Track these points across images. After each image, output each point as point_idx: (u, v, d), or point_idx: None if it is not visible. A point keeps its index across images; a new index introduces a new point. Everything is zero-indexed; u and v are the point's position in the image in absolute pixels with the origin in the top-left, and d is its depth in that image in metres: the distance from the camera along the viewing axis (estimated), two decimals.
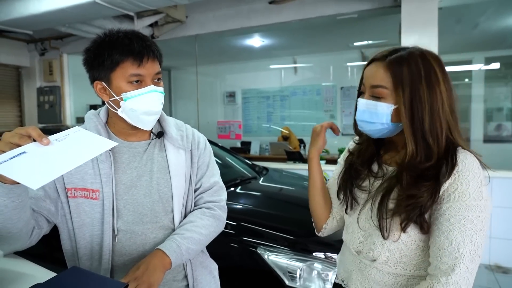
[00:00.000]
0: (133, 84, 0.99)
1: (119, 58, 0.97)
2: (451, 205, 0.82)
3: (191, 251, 1.04)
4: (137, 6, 3.59)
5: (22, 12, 3.78)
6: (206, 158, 1.19)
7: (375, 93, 0.90)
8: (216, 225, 1.14)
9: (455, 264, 0.80)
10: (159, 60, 1.05)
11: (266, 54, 6.43)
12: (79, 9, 3.53)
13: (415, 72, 0.86)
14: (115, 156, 1.05)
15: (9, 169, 0.65)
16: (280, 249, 1.85)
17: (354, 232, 1.01)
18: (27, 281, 0.88)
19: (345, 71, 6.43)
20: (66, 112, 5.67)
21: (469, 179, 0.82)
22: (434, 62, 0.87)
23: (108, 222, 1.01)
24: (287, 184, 3.14)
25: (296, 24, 4.11)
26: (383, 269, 0.93)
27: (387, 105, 0.88)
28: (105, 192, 1.01)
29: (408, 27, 3.25)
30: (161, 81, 1.07)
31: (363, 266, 0.98)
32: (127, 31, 1.01)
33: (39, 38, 5.49)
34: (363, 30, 4.82)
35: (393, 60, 0.88)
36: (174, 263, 0.98)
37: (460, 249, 0.80)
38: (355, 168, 1.03)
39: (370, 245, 0.94)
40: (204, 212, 1.13)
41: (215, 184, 1.19)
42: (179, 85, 7.97)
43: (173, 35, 4.65)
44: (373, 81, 0.91)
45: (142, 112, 1.01)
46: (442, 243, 0.82)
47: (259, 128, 7.26)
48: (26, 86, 5.97)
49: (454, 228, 0.81)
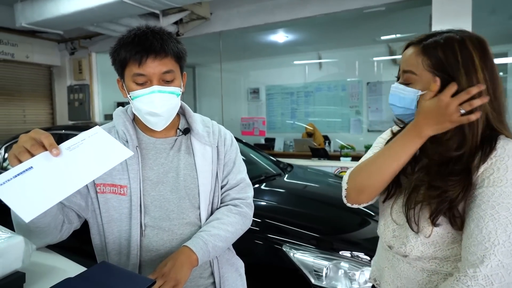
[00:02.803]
0: (138, 84, 0.98)
1: (124, 57, 0.97)
2: (484, 190, 0.75)
3: (218, 248, 1.03)
4: (162, 4, 3.64)
5: (53, 13, 3.91)
6: (232, 155, 1.17)
7: (406, 79, 0.86)
8: (243, 222, 1.13)
9: (485, 256, 0.72)
10: (177, 57, 1.01)
11: (290, 50, 6.37)
12: (107, 8, 3.62)
13: (452, 58, 0.79)
14: (142, 152, 1.06)
15: (8, 192, 0.63)
16: (306, 247, 1.82)
17: (388, 224, 0.95)
18: (59, 274, 0.90)
19: (371, 66, 6.27)
20: (95, 109, 5.84)
21: (507, 164, 0.75)
22: (474, 49, 0.79)
23: (136, 217, 1.02)
24: (312, 181, 3.10)
25: (321, 19, 4.04)
26: (417, 265, 0.87)
27: (414, 90, 0.83)
28: (133, 188, 1.02)
29: (439, 19, 3.12)
30: (176, 80, 1.02)
31: (396, 262, 0.92)
32: (144, 28, 1.00)
33: (69, 37, 5.68)
34: (390, 24, 4.68)
35: (427, 46, 0.82)
36: (201, 260, 0.97)
37: (491, 239, 0.72)
38: None
39: (403, 238, 0.88)
40: (230, 209, 1.12)
41: (242, 181, 1.17)
42: (203, 82, 8.04)
43: (197, 32, 4.68)
44: (405, 66, 0.87)
45: (146, 113, 1.00)
46: (472, 231, 0.75)
47: (283, 125, 7.22)
48: (57, 85, 6.19)
49: (485, 214, 0.73)
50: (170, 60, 0.99)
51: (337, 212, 2.39)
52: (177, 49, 1.00)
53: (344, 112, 6.53)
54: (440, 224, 0.81)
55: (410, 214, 0.83)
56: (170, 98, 1.01)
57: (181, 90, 1.05)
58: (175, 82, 1.02)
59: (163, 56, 0.97)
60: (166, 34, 1.01)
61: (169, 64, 0.99)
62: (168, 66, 0.98)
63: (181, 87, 1.06)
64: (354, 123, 6.44)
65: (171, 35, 1.03)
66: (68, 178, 0.70)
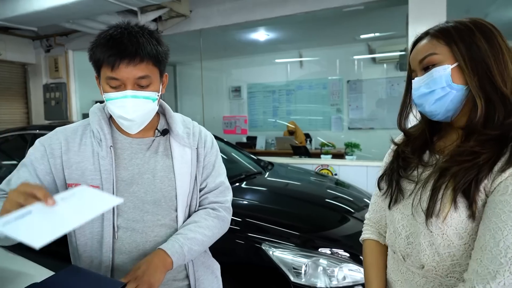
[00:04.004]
0: (112, 87, 0.95)
1: (98, 58, 0.94)
2: (506, 198, 0.66)
3: (194, 252, 1.02)
4: (140, 1, 3.57)
5: (27, 9, 3.79)
6: (212, 157, 1.15)
7: (427, 63, 0.79)
8: (221, 226, 1.12)
9: (498, 272, 0.63)
10: (155, 61, 0.96)
11: (271, 48, 6.37)
12: (82, 4, 3.52)
13: (464, 29, 0.76)
14: (117, 152, 1.03)
15: (14, 230, 0.65)
16: (285, 245, 1.83)
17: (399, 231, 0.85)
18: (25, 280, 0.87)
19: (352, 64, 6.34)
20: (72, 108, 5.70)
21: None
22: (485, 22, 0.77)
23: (108, 219, 0.99)
24: (292, 179, 3.12)
25: (301, 17, 4.06)
26: (435, 279, 0.77)
27: (443, 66, 0.76)
28: (105, 189, 0.99)
29: (416, 18, 3.17)
30: (153, 85, 0.97)
31: (410, 275, 0.83)
32: (123, 27, 0.95)
33: (44, 34, 5.51)
34: (369, 22, 4.74)
35: (437, 29, 0.80)
36: (176, 263, 0.96)
37: (508, 254, 0.63)
38: (403, 157, 0.89)
39: (418, 246, 0.79)
40: (209, 212, 1.10)
41: (221, 184, 1.15)
42: (184, 80, 7.96)
43: (177, 30, 4.62)
44: (420, 55, 0.80)
45: (117, 116, 0.98)
46: (487, 242, 0.66)
47: (265, 123, 7.23)
48: (32, 83, 6.00)
49: (505, 227, 0.65)
50: (146, 65, 0.94)
51: (317, 210, 2.41)
52: (155, 52, 0.95)
53: (325, 110, 6.59)
54: (458, 206, 0.72)
55: (431, 204, 0.75)
56: (144, 104, 0.97)
57: (159, 94, 1.01)
58: (151, 87, 0.97)
59: (138, 61, 0.92)
60: (146, 35, 0.95)
61: (144, 69, 0.94)
62: (143, 71, 0.94)
63: (159, 91, 1.01)
64: (335, 121, 6.50)
65: (152, 35, 0.97)
66: (70, 216, 0.72)
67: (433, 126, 0.88)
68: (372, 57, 6.09)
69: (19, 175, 1.00)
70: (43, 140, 1.04)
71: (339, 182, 3.16)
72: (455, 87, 0.76)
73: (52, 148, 1.02)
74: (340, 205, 2.53)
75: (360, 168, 3.77)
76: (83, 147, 1.03)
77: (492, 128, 0.73)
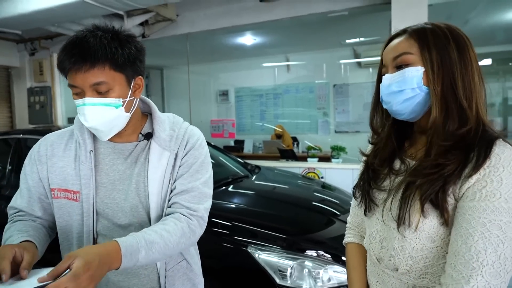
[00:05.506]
0: (75, 94, 0.92)
1: (59, 66, 0.91)
2: (475, 204, 0.68)
3: (149, 260, 0.90)
4: (126, 5, 3.56)
5: (10, 12, 3.74)
6: (190, 159, 1.05)
7: (400, 62, 0.79)
8: (188, 237, 0.99)
9: (471, 276, 0.66)
10: (115, 65, 0.90)
11: (258, 52, 6.40)
12: (68, 8, 3.50)
13: (441, 35, 0.77)
14: (98, 158, 1.02)
15: None
16: (271, 248, 1.84)
17: (374, 236, 0.88)
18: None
19: (338, 68, 6.42)
20: (57, 112, 5.62)
21: (502, 176, 0.67)
22: (460, 32, 0.78)
23: (88, 225, 0.99)
24: (279, 182, 3.14)
25: (287, 22, 4.10)
26: (408, 281, 0.79)
27: (415, 67, 0.77)
28: (84, 194, 0.98)
29: (399, 24, 3.22)
30: (114, 91, 0.91)
31: (386, 277, 0.85)
32: (89, 30, 0.91)
33: (29, 38, 5.43)
34: (354, 28, 4.82)
35: (415, 28, 0.80)
36: (122, 268, 0.85)
37: (480, 259, 0.66)
38: (372, 169, 0.90)
39: (391, 251, 0.81)
40: (180, 218, 0.99)
41: (195, 189, 1.03)
42: (171, 84, 7.92)
43: (164, 34, 4.62)
44: (395, 52, 0.80)
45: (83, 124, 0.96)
46: (459, 248, 0.69)
47: (252, 127, 7.24)
48: (16, 87, 5.90)
49: (475, 232, 0.67)
50: (99, 70, 0.88)
51: (303, 212, 2.43)
52: (111, 56, 0.88)
53: (312, 114, 6.65)
54: (427, 214, 0.74)
55: (402, 212, 0.76)
56: (104, 111, 0.91)
57: (125, 100, 0.94)
58: (111, 93, 0.91)
59: (88, 67, 0.87)
60: (108, 38, 0.90)
61: (99, 75, 0.88)
62: (97, 77, 0.88)
63: (126, 96, 0.95)
64: (322, 125, 6.56)
65: (117, 37, 0.92)
66: None
67: (400, 132, 0.89)
68: (357, 62, 6.17)
69: (22, 194, 1.06)
70: (33, 148, 1.08)
71: (326, 185, 3.20)
72: (424, 90, 0.77)
73: (40, 154, 1.04)
74: (326, 207, 2.56)
75: (346, 171, 3.82)
76: (67, 152, 1.03)
77: (444, 139, 0.75)
